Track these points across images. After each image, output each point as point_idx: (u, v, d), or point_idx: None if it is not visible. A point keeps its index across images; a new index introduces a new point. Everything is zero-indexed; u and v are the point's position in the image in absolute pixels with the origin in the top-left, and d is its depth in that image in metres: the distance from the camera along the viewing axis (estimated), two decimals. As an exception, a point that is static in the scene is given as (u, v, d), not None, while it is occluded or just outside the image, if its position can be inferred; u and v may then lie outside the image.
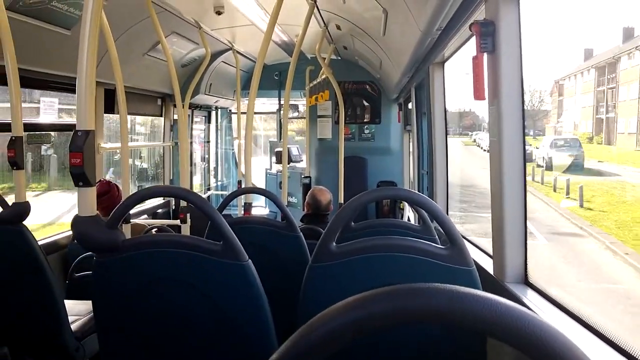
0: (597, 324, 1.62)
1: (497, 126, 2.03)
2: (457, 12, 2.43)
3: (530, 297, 1.91)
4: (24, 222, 2.35)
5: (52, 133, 4.96)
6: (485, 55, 2.06)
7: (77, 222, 1.64)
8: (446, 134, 3.91)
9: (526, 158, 2.06)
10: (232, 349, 1.69)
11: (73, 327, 2.49)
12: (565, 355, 0.49)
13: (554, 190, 7.73)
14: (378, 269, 1.59)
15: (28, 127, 3.64)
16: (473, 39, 2.11)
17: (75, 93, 1.70)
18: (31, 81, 3.60)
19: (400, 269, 1.58)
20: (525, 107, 2.03)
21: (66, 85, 3.88)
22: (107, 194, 3.70)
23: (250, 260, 1.66)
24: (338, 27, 4.90)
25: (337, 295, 0.59)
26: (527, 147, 2.02)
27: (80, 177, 1.65)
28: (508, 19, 1.97)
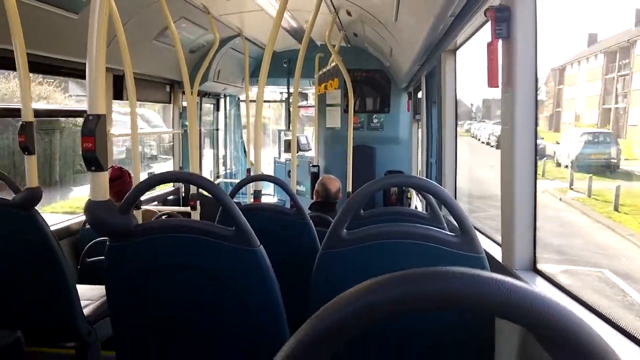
0: (605, 311, 1.61)
1: (510, 114, 2.01)
2: (471, -2, 2.40)
3: (539, 285, 1.91)
4: (36, 207, 2.37)
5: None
6: (499, 42, 2.03)
7: (90, 206, 1.65)
8: (456, 123, 3.89)
9: (537, 152, 2.04)
10: (244, 334, 1.70)
11: (85, 311, 2.51)
12: (580, 336, 0.48)
13: (616, 210, 5.81)
14: (389, 255, 1.59)
15: (38, 113, 3.64)
16: (485, 27, 2.08)
17: (83, 78, 1.70)
18: (40, 66, 3.60)
19: (411, 255, 1.58)
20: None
21: (74, 71, 3.88)
22: (120, 179, 3.72)
23: (261, 245, 1.66)
24: (349, 13, 4.85)
25: (348, 281, 0.59)
26: (539, 142, 1.99)
27: (92, 161, 1.65)
28: (524, 5, 1.94)
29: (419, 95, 5.75)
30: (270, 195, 8.37)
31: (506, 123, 2.07)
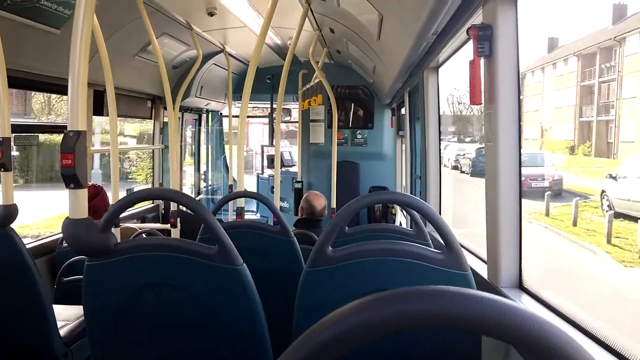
0: (593, 328, 1.61)
1: (493, 131, 2.03)
2: (453, 17, 2.43)
3: (525, 302, 1.91)
4: (12, 225, 2.30)
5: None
6: (482, 60, 2.05)
7: (68, 225, 1.60)
8: (439, 139, 3.92)
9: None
10: (225, 355, 1.66)
11: (61, 332, 2.44)
12: (567, 352, 0.49)
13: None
14: (374, 273, 1.57)
15: (16, 128, 3.57)
16: (467, 45, 2.10)
17: (64, 94, 1.67)
18: (19, 81, 3.54)
19: (396, 273, 1.57)
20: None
21: (55, 87, 3.82)
22: (97, 196, 3.65)
23: (245, 264, 1.62)
24: (332, 31, 4.89)
25: (333, 299, 0.57)
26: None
27: (71, 178, 1.61)
28: (506, 23, 1.96)
29: (403, 111, 5.80)
30: (252, 211, 8.31)
31: (489, 140, 2.08)
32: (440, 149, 3.92)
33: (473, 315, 0.49)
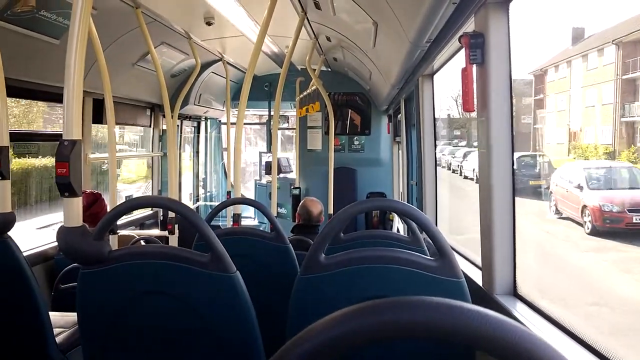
0: (587, 337, 1.62)
1: (486, 138, 2.04)
2: (446, 25, 2.45)
3: (519, 310, 1.91)
4: (9, 233, 2.31)
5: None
6: (474, 67, 2.07)
7: (62, 233, 1.62)
8: (435, 146, 3.94)
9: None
10: None
11: (58, 339, 2.44)
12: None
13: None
14: (367, 280, 1.58)
15: (14, 136, 3.59)
16: (462, 51, 2.12)
17: (61, 102, 1.69)
18: (18, 90, 3.56)
19: (389, 280, 1.57)
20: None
21: (53, 95, 3.85)
22: (95, 203, 3.67)
23: (238, 272, 1.64)
24: (328, 39, 4.92)
25: (326, 306, 0.58)
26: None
27: (66, 187, 1.63)
28: (497, 31, 1.99)
29: (399, 117, 5.82)
30: (251, 218, 8.32)
31: (482, 147, 2.10)
32: (435, 155, 3.93)
33: (456, 327, 0.49)
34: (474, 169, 7.17)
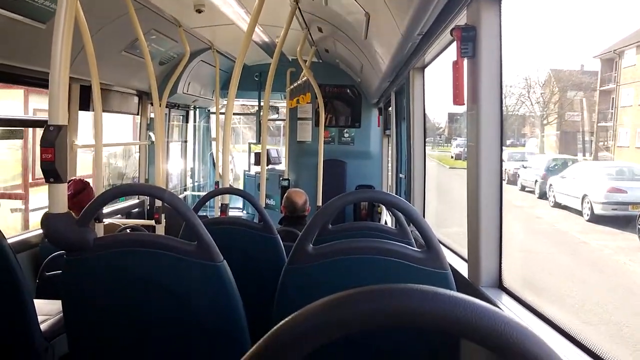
0: (570, 328, 1.64)
1: (476, 131, 2.05)
2: (438, 17, 2.45)
3: (504, 301, 1.93)
4: None
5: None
6: (465, 60, 2.07)
7: (47, 219, 1.60)
8: (424, 139, 3.94)
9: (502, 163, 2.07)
10: (205, 351, 1.66)
11: (42, 327, 2.41)
12: (540, 358, 0.48)
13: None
14: (354, 271, 1.58)
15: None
16: (453, 45, 2.12)
17: (47, 88, 1.66)
18: (3, 75, 3.50)
19: (376, 271, 1.58)
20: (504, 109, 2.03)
21: (39, 81, 3.79)
22: (83, 191, 3.63)
23: (225, 261, 1.63)
24: (320, 30, 4.90)
25: (312, 297, 0.58)
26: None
27: (51, 172, 1.60)
28: (489, 24, 1.99)
29: (389, 110, 5.82)
30: (239, 208, 8.29)
31: (471, 140, 2.11)
32: (425, 149, 3.94)
33: (431, 313, 0.50)
34: (536, 180, 5.35)
